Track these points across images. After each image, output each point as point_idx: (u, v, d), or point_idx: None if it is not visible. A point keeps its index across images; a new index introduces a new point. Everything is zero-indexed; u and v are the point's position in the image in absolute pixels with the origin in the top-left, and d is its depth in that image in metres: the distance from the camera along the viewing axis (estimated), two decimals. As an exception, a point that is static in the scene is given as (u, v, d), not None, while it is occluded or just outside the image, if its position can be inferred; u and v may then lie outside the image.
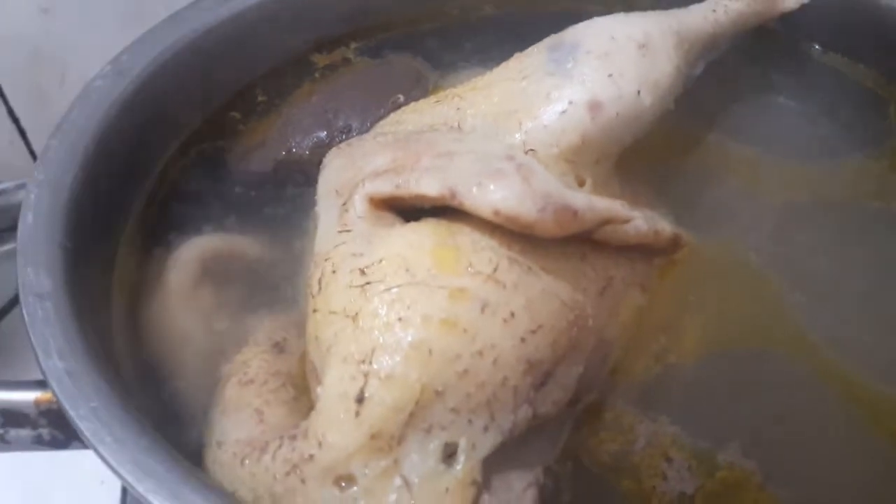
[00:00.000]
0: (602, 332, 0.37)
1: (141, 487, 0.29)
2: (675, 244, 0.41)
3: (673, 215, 0.45)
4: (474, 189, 0.33)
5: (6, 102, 0.73)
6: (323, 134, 0.51)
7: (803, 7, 0.55)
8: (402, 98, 0.53)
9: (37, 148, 0.79)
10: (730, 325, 0.41)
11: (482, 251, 0.33)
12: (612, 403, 0.38)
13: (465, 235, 0.34)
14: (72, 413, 0.30)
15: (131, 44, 0.49)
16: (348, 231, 0.35)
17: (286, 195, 0.49)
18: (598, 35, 0.42)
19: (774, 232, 0.45)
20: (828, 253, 0.44)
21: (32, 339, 0.32)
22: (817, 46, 0.57)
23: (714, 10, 0.50)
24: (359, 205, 0.36)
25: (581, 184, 0.41)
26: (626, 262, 0.39)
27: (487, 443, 0.31)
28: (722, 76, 0.56)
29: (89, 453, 0.31)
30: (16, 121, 0.75)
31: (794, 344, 0.39)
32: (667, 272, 0.42)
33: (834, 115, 0.53)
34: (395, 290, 0.31)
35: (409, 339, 0.30)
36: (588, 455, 0.36)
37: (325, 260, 0.35)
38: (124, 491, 0.49)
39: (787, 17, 0.55)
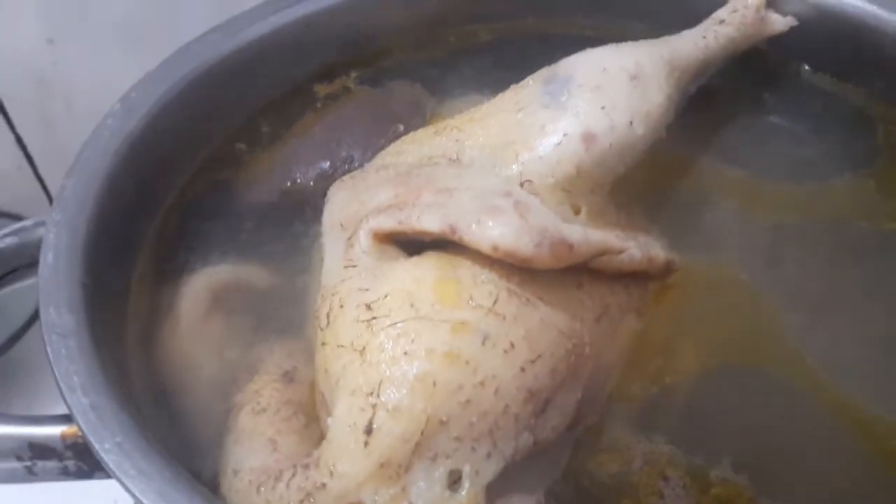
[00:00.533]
0: (600, 358, 0.38)
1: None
2: (668, 269, 0.43)
3: (667, 239, 0.46)
4: (474, 226, 0.34)
5: (14, 130, 0.75)
6: (326, 164, 0.53)
7: (792, 29, 0.57)
8: (402, 127, 0.54)
9: (44, 173, 0.81)
10: (724, 345, 0.42)
11: (482, 284, 0.34)
12: (610, 426, 0.39)
13: (466, 269, 0.35)
14: (97, 447, 0.32)
15: (139, 81, 0.51)
16: (354, 266, 0.37)
17: (292, 225, 0.51)
18: (591, 67, 0.44)
19: (766, 253, 0.46)
20: (819, 273, 0.45)
21: (57, 375, 0.34)
22: (807, 67, 0.58)
23: (704, 37, 0.52)
24: (363, 240, 0.37)
25: (577, 212, 0.43)
26: (621, 289, 0.41)
27: (490, 469, 0.32)
28: (712, 98, 0.58)
29: (108, 481, 0.33)
30: (23, 147, 0.77)
31: (787, 363, 0.41)
32: (662, 296, 0.43)
33: (823, 135, 0.54)
34: (400, 324, 0.33)
35: (415, 371, 0.32)
36: (588, 478, 0.38)
37: (333, 294, 0.36)
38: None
39: (777, 39, 0.57)
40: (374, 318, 0.33)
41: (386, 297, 0.34)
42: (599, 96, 0.42)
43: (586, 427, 0.38)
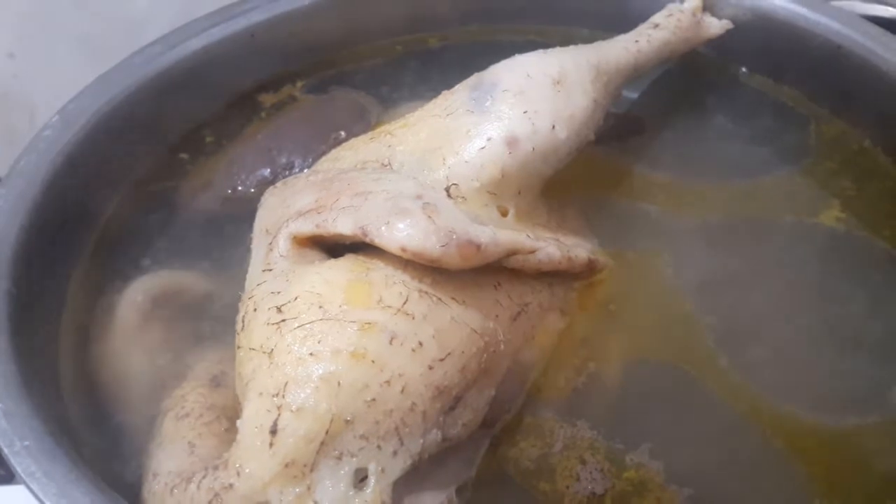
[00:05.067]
0: (518, 356, 0.39)
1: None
2: (592, 268, 0.43)
3: (597, 239, 0.47)
4: (383, 227, 0.35)
5: (-24, 143, 0.76)
6: (267, 171, 0.53)
7: (729, 32, 0.58)
8: (343, 134, 0.55)
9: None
10: (646, 343, 0.43)
11: (393, 286, 0.35)
12: (535, 413, 0.40)
13: (380, 271, 0.36)
14: (6, 450, 0.32)
15: (78, 93, 0.51)
16: (270, 270, 0.37)
17: (233, 231, 0.51)
18: (516, 73, 0.45)
19: (692, 252, 0.47)
20: (740, 267, 0.46)
21: (-28, 381, 0.34)
22: (744, 69, 0.60)
23: (637, 41, 0.52)
24: (282, 244, 0.38)
25: (504, 213, 0.43)
26: (544, 288, 0.41)
27: (397, 466, 0.32)
28: (654, 100, 0.59)
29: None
30: (-13, 160, 0.77)
31: (703, 363, 0.42)
32: (586, 295, 0.44)
33: (758, 135, 0.56)
34: (307, 326, 0.33)
35: (320, 372, 0.32)
36: (513, 464, 0.38)
37: (249, 298, 0.37)
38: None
39: (715, 42, 0.58)
40: (283, 320, 0.34)
41: (296, 299, 0.34)
42: (522, 101, 0.43)
43: (505, 423, 0.39)
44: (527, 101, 0.43)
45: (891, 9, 0.65)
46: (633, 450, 0.38)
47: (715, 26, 0.58)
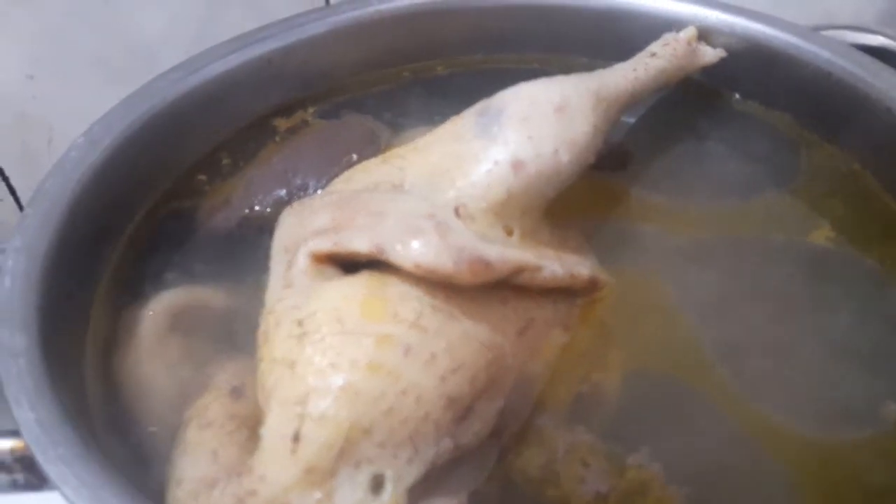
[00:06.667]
0: (524, 369, 0.41)
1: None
2: (593, 285, 0.46)
3: (598, 258, 0.49)
4: (398, 246, 0.37)
5: (-4, 163, 0.78)
6: (283, 192, 0.56)
7: (723, 60, 0.61)
8: (355, 157, 0.57)
9: (26, 204, 0.84)
10: (645, 356, 0.45)
11: (408, 301, 0.37)
12: (538, 425, 0.41)
13: (395, 287, 0.38)
14: (40, 458, 0.34)
15: (104, 115, 0.54)
16: (291, 286, 0.39)
17: (249, 249, 0.53)
18: (521, 100, 0.47)
19: (688, 270, 0.49)
20: (735, 284, 0.48)
21: (6, 392, 0.36)
22: (737, 95, 0.62)
23: (635, 69, 0.55)
24: (301, 261, 0.40)
25: (510, 233, 0.46)
26: (548, 304, 0.44)
27: (412, 473, 0.34)
28: (648, 123, 0.61)
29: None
30: (6, 179, 0.80)
31: (701, 375, 0.43)
32: (589, 311, 0.46)
33: (750, 159, 0.58)
34: (327, 338, 0.35)
35: (340, 382, 0.34)
36: (520, 474, 0.40)
37: (270, 313, 0.39)
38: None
39: (709, 69, 0.61)
40: (304, 333, 0.36)
41: (316, 313, 0.36)
42: (527, 127, 0.46)
43: (513, 433, 0.40)
44: (531, 126, 0.46)
45: (880, 38, 0.68)
46: (633, 452, 0.40)
47: (709, 54, 0.60)
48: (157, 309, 0.49)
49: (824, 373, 0.44)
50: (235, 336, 0.49)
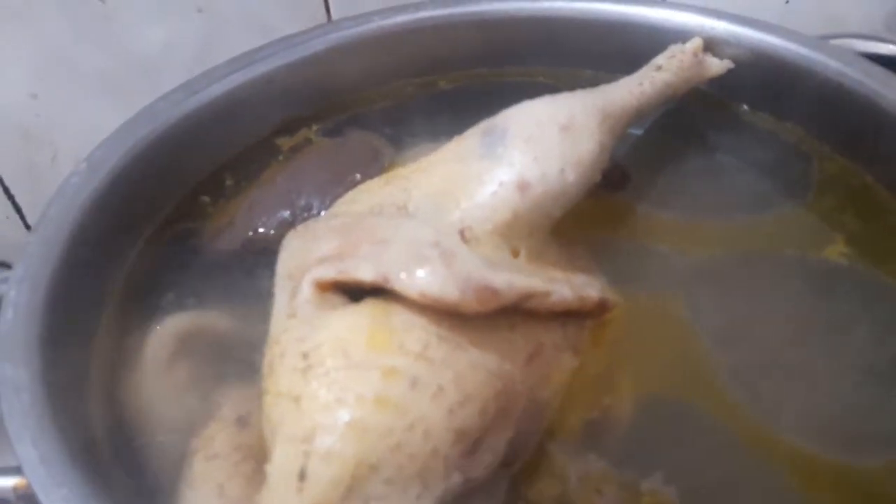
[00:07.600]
0: (533, 395, 0.40)
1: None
2: (603, 307, 0.45)
3: (606, 278, 0.49)
4: (403, 275, 0.36)
5: (1, 181, 0.78)
6: (287, 213, 0.55)
7: (730, 71, 0.60)
8: (358, 176, 0.57)
9: (32, 222, 0.84)
10: (657, 379, 0.44)
11: (413, 331, 0.36)
12: (548, 454, 0.41)
13: (399, 316, 0.37)
14: (44, 499, 0.33)
15: (105, 139, 0.54)
16: (295, 316, 0.39)
17: (254, 271, 0.53)
18: (526, 120, 0.46)
19: (699, 288, 0.48)
20: (748, 302, 0.47)
21: (8, 428, 0.36)
22: (745, 107, 0.61)
23: (641, 83, 0.54)
24: (305, 290, 0.39)
25: (516, 254, 0.45)
26: (557, 328, 0.43)
27: (421, 509, 0.34)
28: (655, 137, 0.60)
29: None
30: (11, 198, 0.79)
31: (715, 399, 0.42)
32: (598, 333, 0.45)
33: (761, 172, 0.57)
34: (332, 373, 0.35)
35: (346, 418, 0.33)
36: None
37: (275, 344, 0.38)
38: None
39: (716, 81, 0.60)
40: (309, 366, 0.35)
41: (320, 346, 0.36)
42: (532, 147, 0.45)
43: (523, 463, 0.40)
44: (536, 146, 0.45)
45: (891, 46, 0.67)
46: (647, 477, 0.39)
47: (716, 66, 0.59)
48: (161, 335, 0.49)
49: (842, 395, 0.43)
50: (241, 362, 0.48)
